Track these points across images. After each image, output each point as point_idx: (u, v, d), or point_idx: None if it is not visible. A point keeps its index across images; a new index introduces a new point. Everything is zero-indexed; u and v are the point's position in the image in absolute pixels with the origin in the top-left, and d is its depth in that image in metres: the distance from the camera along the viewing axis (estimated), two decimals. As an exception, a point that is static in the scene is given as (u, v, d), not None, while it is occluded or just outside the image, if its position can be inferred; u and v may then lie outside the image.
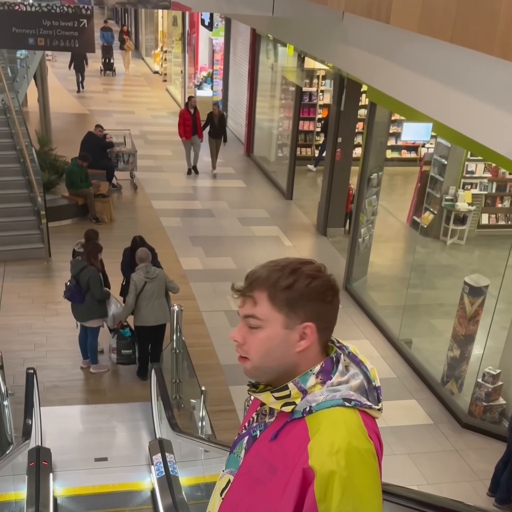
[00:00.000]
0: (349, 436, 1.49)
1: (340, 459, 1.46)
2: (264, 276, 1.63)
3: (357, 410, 1.56)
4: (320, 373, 1.61)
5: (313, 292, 1.60)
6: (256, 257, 11.35)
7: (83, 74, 22.77)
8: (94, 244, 7.78)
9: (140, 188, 14.15)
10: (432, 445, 7.16)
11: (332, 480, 1.45)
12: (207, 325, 9.13)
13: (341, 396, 1.56)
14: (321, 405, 1.56)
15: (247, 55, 16.67)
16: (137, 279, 7.45)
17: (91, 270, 7.51)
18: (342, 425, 1.51)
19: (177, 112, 21.32)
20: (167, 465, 6.11)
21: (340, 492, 1.45)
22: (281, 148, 15.84)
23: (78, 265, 7.59)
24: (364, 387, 1.63)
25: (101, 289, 7.60)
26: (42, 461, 5.95)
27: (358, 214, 9.72)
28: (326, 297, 1.62)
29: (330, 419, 1.53)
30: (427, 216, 12.52)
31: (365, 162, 9.32)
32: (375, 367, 1.70)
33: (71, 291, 7.56)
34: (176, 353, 7.04)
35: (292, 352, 1.61)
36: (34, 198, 10.93)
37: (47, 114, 16.54)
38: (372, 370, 1.68)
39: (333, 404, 1.55)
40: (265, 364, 1.64)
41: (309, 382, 1.61)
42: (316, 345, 1.63)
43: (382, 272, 11.25)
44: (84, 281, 7.49)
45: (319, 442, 1.51)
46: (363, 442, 1.51)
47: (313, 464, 1.48)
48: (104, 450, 6.70)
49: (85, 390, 7.76)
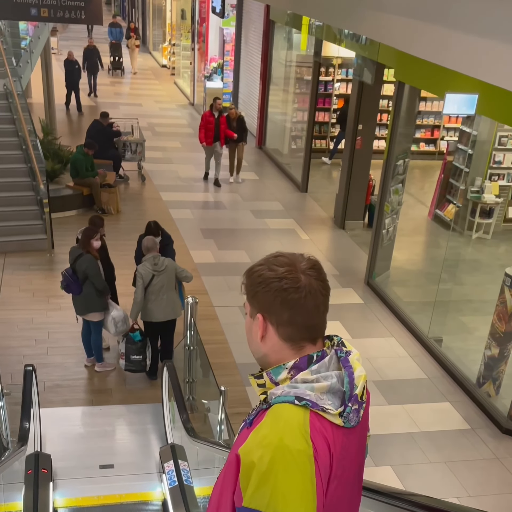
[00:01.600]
0: (283, 433, 1.49)
1: (265, 453, 1.47)
2: (249, 268, 1.71)
3: (310, 410, 1.55)
4: (293, 369, 1.63)
5: (261, 282, 1.63)
6: (271, 250, 10.42)
7: (95, 76, 20.40)
8: (86, 230, 7.13)
9: (148, 180, 13.55)
10: (471, 453, 6.50)
11: (251, 471, 1.48)
12: (220, 321, 8.50)
13: (294, 393, 1.57)
14: (276, 399, 1.58)
15: (260, 44, 16.05)
16: (144, 271, 6.81)
17: (87, 259, 6.89)
18: (281, 422, 1.52)
19: (186, 104, 20.93)
20: (181, 473, 5.52)
21: (255, 485, 1.47)
22: (295, 140, 15.22)
23: (74, 253, 6.99)
24: (341, 390, 1.62)
25: (102, 279, 6.98)
26: (41, 469, 5.41)
27: (383, 203, 9.06)
28: (271, 289, 1.62)
29: (275, 413, 1.55)
30: (451, 209, 11.90)
31: (391, 148, 8.67)
32: (365, 375, 1.68)
33: (67, 281, 6.97)
34: (189, 350, 6.41)
35: (258, 341, 1.68)
36: (36, 187, 10.33)
37: (51, 105, 15.97)
38: (359, 377, 1.65)
39: (284, 400, 1.56)
40: (249, 347, 1.75)
41: (281, 376, 1.63)
42: (275, 338, 1.65)
43: (405, 267, 10.61)
44: (81, 270, 6.87)
45: (256, 432, 1.55)
46: (298, 442, 1.49)
47: (241, 451, 1.53)
48: (110, 456, 6.09)
49: (90, 390, 7.16)
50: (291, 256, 1.68)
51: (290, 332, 1.64)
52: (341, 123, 14.82)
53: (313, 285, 1.63)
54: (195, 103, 20.52)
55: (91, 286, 6.93)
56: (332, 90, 15.48)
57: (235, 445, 1.65)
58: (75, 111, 18.76)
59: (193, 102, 20.69)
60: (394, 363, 7.91)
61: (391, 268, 10.08)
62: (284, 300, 1.61)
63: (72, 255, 6.99)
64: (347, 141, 11.35)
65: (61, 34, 30.72)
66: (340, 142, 15.13)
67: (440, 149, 15.92)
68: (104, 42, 29.68)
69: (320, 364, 1.62)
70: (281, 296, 1.61)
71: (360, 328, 8.62)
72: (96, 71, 20.35)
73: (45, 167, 10.25)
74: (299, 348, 1.65)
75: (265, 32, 15.51)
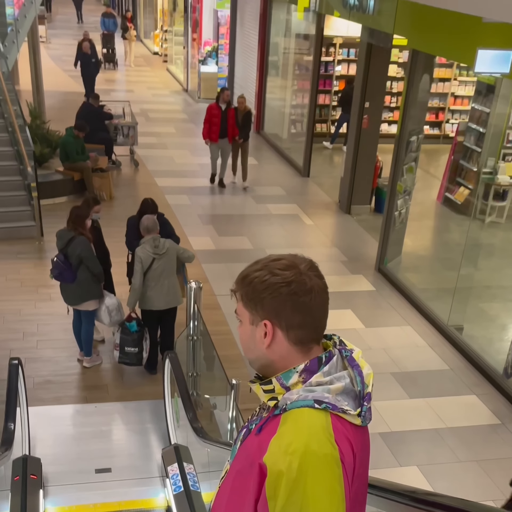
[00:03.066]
0: (309, 438, 1.48)
1: (293, 460, 1.46)
2: (243, 274, 1.66)
3: (330, 413, 1.53)
4: (304, 372, 1.60)
5: (267, 288, 1.59)
6: (275, 236, 10.13)
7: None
8: (78, 209, 6.45)
9: (141, 165, 12.92)
10: (504, 450, 5.92)
11: (280, 480, 1.46)
12: (223, 310, 7.90)
13: (313, 397, 1.55)
14: (293, 404, 1.55)
15: (257, 25, 15.41)
16: (144, 255, 6.18)
17: (81, 241, 6.22)
18: (305, 427, 1.50)
19: (180, 91, 20.28)
20: (186, 477, 4.93)
21: (287, 494, 1.46)
22: (295, 124, 14.61)
23: (65, 236, 6.29)
24: (354, 390, 1.61)
25: (98, 262, 6.35)
26: (29, 474, 4.78)
27: (395, 182, 8.45)
28: (281, 294, 1.58)
29: (295, 419, 1.53)
30: (462, 192, 11.31)
31: (405, 121, 8.06)
32: (372, 373, 1.64)
33: (59, 268, 6.28)
34: (193, 340, 5.79)
35: (262, 348, 1.64)
36: (24, 171, 9.67)
37: (40, 90, 15.24)
38: (368, 376, 1.63)
39: (303, 404, 1.54)
40: (248, 355, 1.72)
41: (292, 380, 1.61)
42: (284, 343, 1.62)
43: (417, 252, 10.05)
44: (74, 254, 6.20)
45: (278, 440, 1.51)
46: (324, 446, 1.48)
47: (266, 461, 1.50)
48: (107, 459, 5.49)
49: (83, 387, 6.53)
50: (290, 258, 1.65)
51: (301, 335, 1.62)
52: (343, 105, 14.21)
53: (319, 285, 1.62)
54: (189, 89, 19.87)
55: (86, 271, 6.28)
56: (333, 71, 14.84)
57: (244, 453, 1.63)
58: (65, 97, 18.02)
59: (187, 88, 20.03)
60: (412, 353, 7.33)
61: (402, 254, 9.50)
62: (295, 304, 1.59)
63: (62, 239, 6.32)
64: (353, 120, 10.73)
65: (49, 23, 29.97)
66: (342, 126, 14.55)
67: (445, 132, 15.35)
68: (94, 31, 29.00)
69: (330, 365, 1.61)
70: (292, 300, 1.58)
71: (373, 316, 8.03)
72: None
73: (33, 149, 9.57)
74: (307, 350, 1.63)
75: (263, 13, 14.86)
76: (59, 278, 6.38)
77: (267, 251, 9.42)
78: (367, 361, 1.66)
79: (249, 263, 1.68)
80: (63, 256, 6.25)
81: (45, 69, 16.34)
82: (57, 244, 6.38)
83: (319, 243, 10.07)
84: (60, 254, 6.30)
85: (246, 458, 1.60)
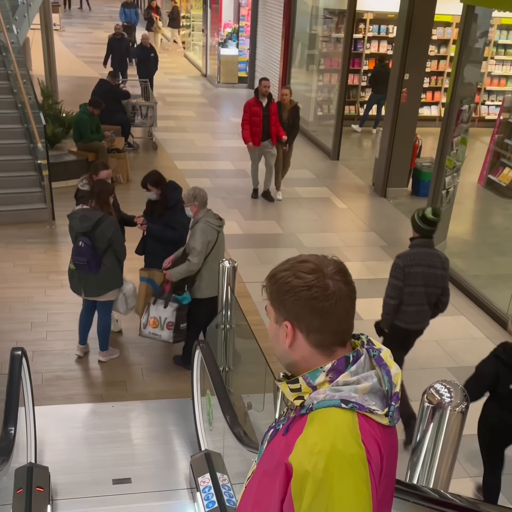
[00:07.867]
0: (335, 438, 1.46)
1: (319, 460, 1.44)
2: (272, 273, 1.66)
3: (357, 413, 1.51)
4: (331, 371, 1.58)
5: (289, 291, 1.58)
6: (305, 220, 9.34)
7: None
8: (102, 184, 5.63)
9: (160, 149, 12.20)
10: None
11: (306, 481, 1.45)
12: (253, 299, 7.11)
13: (340, 396, 1.53)
14: (320, 403, 1.54)
15: (281, 1, 14.59)
16: (208, 229, 5.41)
17: (112, 222, 5.41)
18: (331, 427, 1.49)
19: (198, 76, 19.49)
20: (221, 490, 4.18)
21: (313, 494, 1.44)
22: (321, 106, 13.79)
23: (92, 216, 5.37)
24: (382, 390, 1.58)
25: (125, 246, 5.59)
26: (35, 487, 4.02)
27: (444, 156, 7.61)
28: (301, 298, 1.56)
29: (322, 419, 1.51)
30: (507, 173, 10.47)
31: (456, 86, 7.22)
32: (401, 372, 1.63)
33: (88, 255, 5.37)
34: (225, 330, 4.99)
35: (285, 347, 1.64)
36: (34, 149, 8.94)
37: (52, 74, 14.56)
38: (397, 375, 1.61)
39: (329, 404, 1.52)
40: (275, 352, 1.70)
41: (318, 379, 1.59)
42: (305, 345, 1.61)
43: (463, 237, 9.20)
44: (106, 238, 5.36)
45: (304, 439, 1.50)
46: (351, 446, 1.46)
47: (292, 461, 1.49)
48: (126, 467, 4.73)
49: (99, 383, 5.81)
50: (317, 261, 1.60)
51: (321, 338, 1.60)
52: (373, 86, 13.37)
53: (342, 290, 1.57)
54: (208, 74, 19.14)
55: (112, 257, 5.49)
56: (363, 50, 14.00)
57: (270, 453, 1.61)
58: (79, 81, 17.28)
59: (206, 73, 19.30)
60: (469, 346, 6.49)
61: (447, 238, 8.66)
62: (314, 308, 1.56)
63: (89, 220, 5.36)
64: (390, 95, 9.87)
65: (63, 13, 29.42)
66: (372, 108, 13.72)
67: (481, 114, 14.45)
68: (108, 20, 28.32)
69: (357, 364, 1.58)
70: (311, 305, 1.56)
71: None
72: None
73: (44, 126, 8.82)
74: (330, 353, 1.60)
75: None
76: (85, 268, 5.45)
77: (299, 236, 8.65)
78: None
79: (280, 248, 1.69)
80: (89, 240, 5.41)
81: (58, 55, 15.58)
82: (79, 226, 5.42)
83: (355, 227, 9.25)
84: (85, 238, 5.39)
85: (272, 458, 1.58)
